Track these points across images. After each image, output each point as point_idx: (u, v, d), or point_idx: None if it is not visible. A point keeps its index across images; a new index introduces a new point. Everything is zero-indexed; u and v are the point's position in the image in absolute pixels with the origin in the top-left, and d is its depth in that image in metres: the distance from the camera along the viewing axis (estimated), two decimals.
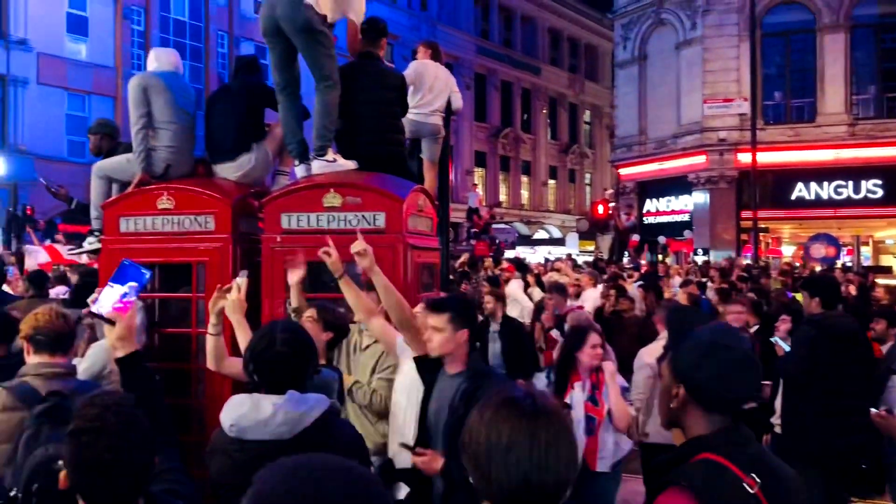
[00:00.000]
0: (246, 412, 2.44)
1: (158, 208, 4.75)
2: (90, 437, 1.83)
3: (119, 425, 1.86)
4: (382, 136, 5.00)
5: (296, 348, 2.57)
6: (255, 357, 2.57)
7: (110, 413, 1.87)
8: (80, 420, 1.87)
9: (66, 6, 26.76)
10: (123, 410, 1.91)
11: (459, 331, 3.33)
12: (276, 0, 4.66)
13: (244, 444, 2.41)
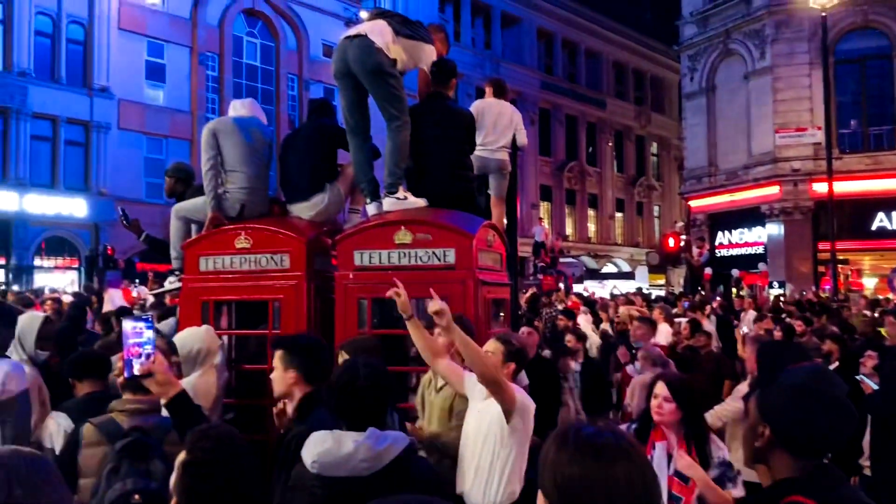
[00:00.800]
0: (328, 448, 2.46)
1: (236, 248, 4.88)
2: (207, 469, 1.89)
3: (233, 457, 1.91)
4: (452, 174, 5.05)
5: (377, 384, 2.59)
6: (338, 391, 2.60)
7: (224, 445, 1.92)
8: (196, 453, 1.93)
9: (145, 55, 28.03)
10: (235, 442, 1.95)
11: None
12: (348, 44, 4.80)
13: (326, 481, 2.43)
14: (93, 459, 2.99)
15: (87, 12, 26.35)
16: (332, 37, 33.00)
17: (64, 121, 25.73)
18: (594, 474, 1.53)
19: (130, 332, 2.57)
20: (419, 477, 2.50)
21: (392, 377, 2.73)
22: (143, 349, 2.59)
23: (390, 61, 4.73)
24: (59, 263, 26.18)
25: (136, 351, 2.57)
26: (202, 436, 2.00)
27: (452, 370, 3.86)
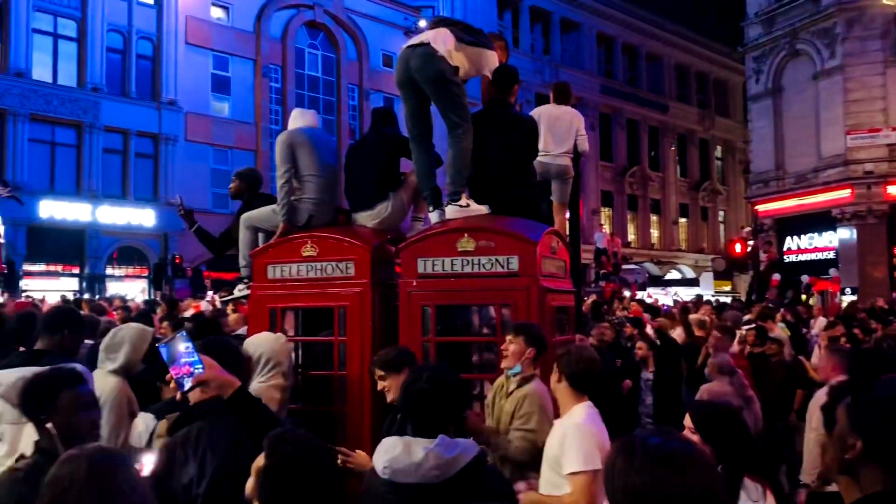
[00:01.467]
0: (398, 455, 2.47)
1: (303, 256, 4.96)
2: (290, 473, 1.90)
3: (314, 459, 1.93)
4: (514, 180, 5.03)
5: (438, 388, 2.60)
6: (406, 396, 2.62)
7: (304, 448, 1.94)
8: (276, 457, 1.94)
9: (210, 68, 28.80)
10: (314, 444, 1.97)
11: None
12: (410, 54, 4.83)
13: (396, 487, 2.44)
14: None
15: (156, 28, 27.24)
16: (391, 47, 33.35)
17: (134, 134, 26.61)
18: (665, 483, 1.50)
19: (183, 352, 2.61)
20: (490, 486, 2.49)
21: (460, 384, 2.72)
22: (193, 368, 2.63)
23: (452, 69, 4.75)
24: (129, 272, 27.05)
25: (186, 370, 2.61)
26: (280, 440, 2.00)
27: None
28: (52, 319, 4.00)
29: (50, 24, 25.26)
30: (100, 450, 1.91)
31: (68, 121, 25.20)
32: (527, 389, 4.07)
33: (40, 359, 3.77)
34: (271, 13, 30.22)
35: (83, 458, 1.83)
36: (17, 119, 23.98)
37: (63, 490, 1.79)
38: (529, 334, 4.06)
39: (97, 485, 1.79)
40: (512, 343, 4.05)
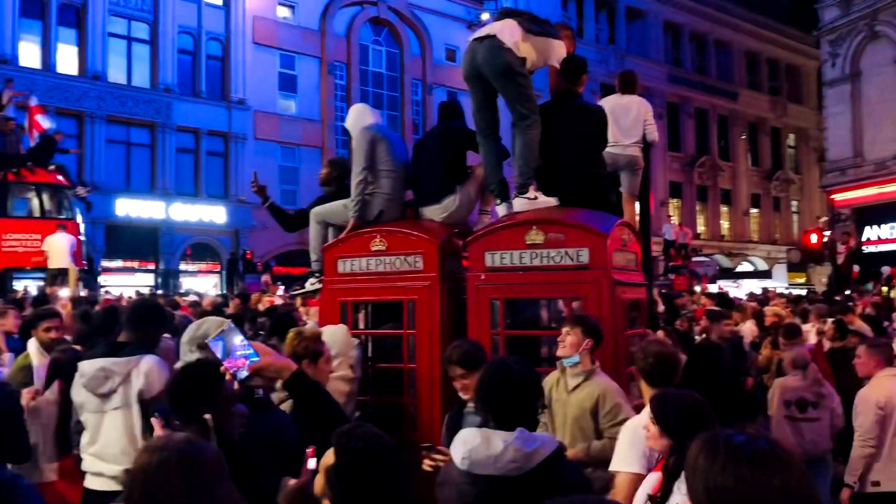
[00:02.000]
0: (477, 446, 2.47)
1: (372, 250, 5.00)
2: (363, 470, 1.91)
3: (385, 455, 1.93)
4: (583, 171, 4.97)
5: (531, 381, 2.59)
6: (491, 388, 2.60)
7: (375, 444, 1.94)
8: (348, 454, 1.94)
9: (277, 67, 29.31)
10: (384, 440, 1.97)
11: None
12: (477, 46, 4.81)
13: (475, 478, 2.44)
14: None
15: (224, 29, 27.86)
16: (454, 40, 33.36)
17: (205, 133, 27.31)
18: (750, 484, 1.46)
19: (238, 345, 2.65)
20: (569, 481, 2.46)
21: (537, 377, 2.72)
22: (249, 359, 2.66)
23: (520, 60, 4.71)
24: (202, 268, 27.79)
25: (242, 362, 2.64)
26: (350, 437, 2.00)
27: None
28: (138, 314, 4.12)
29: (124, 27, 26.10)
30: (187, 440, 1.95)
31: (142, 121, 26.02)
32: (601, 385, 4.04)
33: (119, 350, 3.88)
34: (336, 11, 30.56)
35: (172, 449, 1.88)
36: (95, 120, 24.87)
37: (153, 480, 1.83)
38: (586, 325, 4.04)
39: (186, 475, 1.83)
40: (569, 334, 4.04)
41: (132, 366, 3.80)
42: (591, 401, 4.00)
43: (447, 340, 4.70)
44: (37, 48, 24.19)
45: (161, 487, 1.82)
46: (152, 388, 3.76)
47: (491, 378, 2.61)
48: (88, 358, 3.79)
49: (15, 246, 15.34)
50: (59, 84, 24.04)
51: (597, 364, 4.11)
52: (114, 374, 3.77)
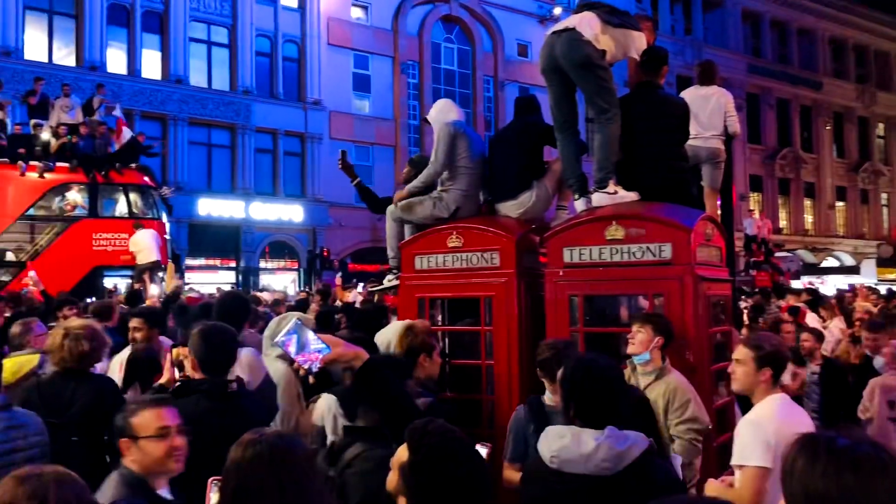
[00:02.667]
0: (567, 444, 2.44)
1: (448, 246, 5.01)
2: (439, 465, 1.89)
3: (460, 450, 1.92)
4: (665, 165, 4.86)
5: (618, 378, 2.57)
6: (577, 385, 2.56)
7: (449, 439, 1.93)
8: (423, 449, 1.92)
9: (351, 67, 29.72)
10: (457, 435, 1.96)
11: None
12: (555, 39, 4.75)
13: (564, 477, 2.41)
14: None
15: (300, 31, 28.40)
16: (526, 36, 33.16)
17: (282, 133, 27.90)
18: (853, 490, 1.39)
19: (311, 340, 2.66)
20: (662, 481, 2.41)
21: (622, 374, 2.67)
22: (321, 354, 2.67)
23: (599, 53, 4.64)
24: (280, 265, 28.42)
25: (315, 357, 2.66)
26: (424, 433, 1.97)
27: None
28: (227, 309, 4.23)
29: (204, 32, 26.88)
30: (279, 435, 1.99)
31: (223, 123, 26.77)
32: (673, 382, 3.99)
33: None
34: (408, 10, 30.78)
35: (265, 443, 1.92)
36: (177, 123, 25.70)
37: (245, 473, 1.88)
38: (657, 323, 4.01)
39: (277, 470, 1.87)
40: (639, 332, 4.01)
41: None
42: (662, 399, 3.95)
43: (525, 337, 4.68)
44: (123, 54, 25.15)
45: (253, 481, 1.85)
46: (254, 380, 3.87)
47: (577, 374, 2.57)
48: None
49: (105, 245, 15.99)
50: (143, 89, 24.95)
51: (667, 362, 4.05)
52: None
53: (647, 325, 4.01)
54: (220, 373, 3.44)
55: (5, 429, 3.41)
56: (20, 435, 3.46)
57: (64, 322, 4.90)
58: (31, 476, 1.64)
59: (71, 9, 24.29)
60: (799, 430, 3.12)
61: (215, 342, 3.45)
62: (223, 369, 3.44)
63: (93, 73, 23.20)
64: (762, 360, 3.39)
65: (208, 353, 3.40)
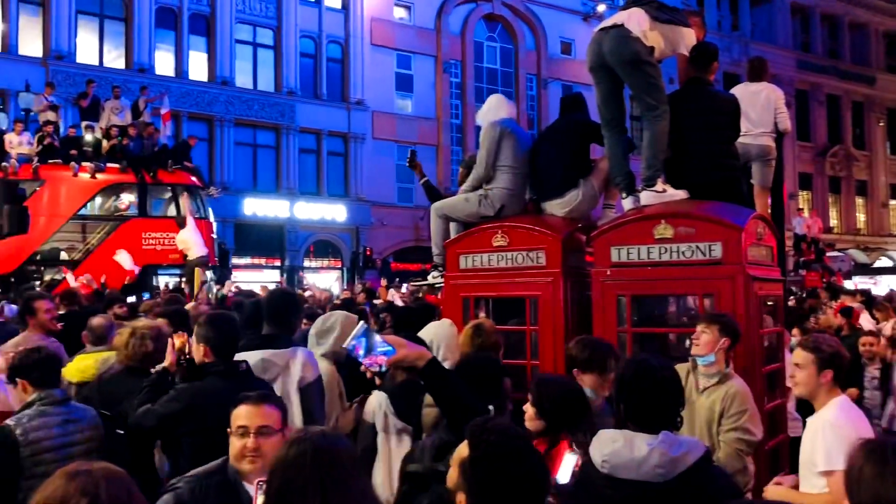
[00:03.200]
0: (619, 449, 2.39)
1: (493, 245, 4.98)
2: (499, 463, 1.89)
3: (520, 447, 1.92)
4: (714, 163, 4.77)
5: (673, 380, 2.51)
6: (631, 387, 2.52)
7: (509, 437, 1.93)
8: (483, 446, 1.92)
9: (394, 67, 29.85)
10: (517, 432, 1.96)
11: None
12: (602, 36, 4.70)
13: (616, 482, 2.37)
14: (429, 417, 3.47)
15: (343, 31, 28.61)
16: (569, 33, 32.93)
17: (326, 134, 28.15)
18: None
19: (378, 342, 2.68)
20: (718, 487, 2.35)
21: (677, 376, 2.60)
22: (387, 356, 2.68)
23: (647, 49, 4.57)
24: (324, 264, 28.68)
25: (382, 359, 2.67)
26: (484, 430, 1.98)
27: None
28: (277, 307, 4.27)
29: (250, 34, 27.24)
30: (323, 434, 2.00)
31: (268, 124, 27.10)
32: (734, 388, 3.87)
33: (273, 342, 4.06)
34: (451, 9, 30.79)
35: (309, 442, 1.92)
36: (224, 124, 26.09)
37: (290, 471, 1.89)
38: (723, 323, 3.87)
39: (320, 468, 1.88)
40: (704, 332, 3.88)
41: (289, 357, 3.98)
42: (720, 404, 3.85)
43: (571, 337, 4.63)
44: (171, 56, 25.62)
45: (296, 479, 1.87)
46: (308, 378, 3.94)
47: (631, 377, 2.52)
48: (245, 349, 3.98)
49: (154, 244, 16.31)
50: (191, 90, 25.39)
51: (731, 366, 3.95)
52: (273, 366, 3.94)
53: (713, 325, 3.88)
54: (230, 356, 3.68)
55: (63, 423, 3.51)
56: (77, 429, 3.57)
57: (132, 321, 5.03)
58: (81, 472, 1.66)
59: (121, 12, 24.83)
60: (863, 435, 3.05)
61: (225, 329, 3.72)
62: (232, 352, 3.71)
63: (141, 76, 23.68)
64: (823, 363, 3.32)
65: (219, 338, 3.67)
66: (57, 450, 3.43)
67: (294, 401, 3.90)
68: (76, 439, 3.55)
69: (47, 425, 3.47)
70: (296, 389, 3.92)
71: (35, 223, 13.31)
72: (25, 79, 19.19)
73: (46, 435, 3.44)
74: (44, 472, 3.32)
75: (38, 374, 3.59)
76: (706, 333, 3.89)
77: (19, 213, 12.03)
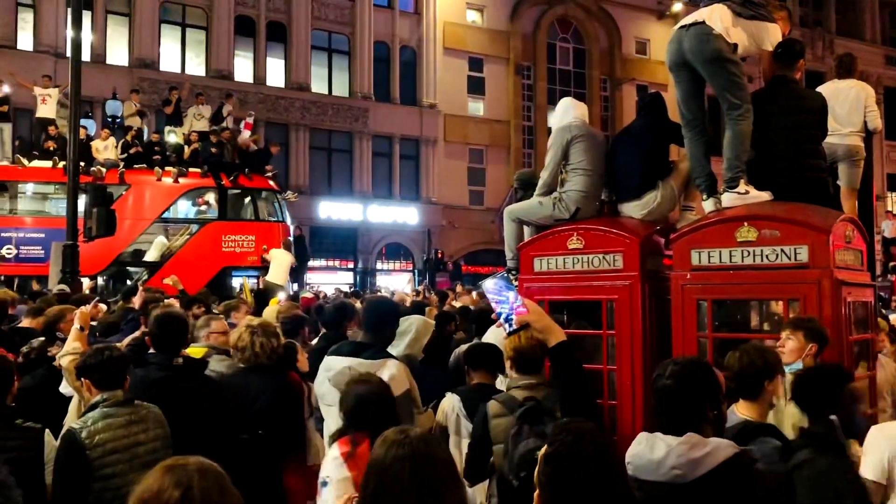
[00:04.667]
0: (640, 451, 2.41)
1: (569, 248, 4.92)
2: (569, 463, 1.93)
3: (595, 452, 1.93)
4: (800, 163, 4.60)
5: (683, 383, 2.47)
6: (652, 387, 2.58)
7: (586, 440, 1.94)
8: (558, 445, 1.97)
9: (466, 70, 29.92)
10: (597, 439, 1.97)
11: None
12: (683, 34, 4.59)
13: (641, 484, 2.37)
14: (499, 428, 3.64)
15: (416, 36, 28.84)
16: (645, 33, 32.41)
17: (398, 137, 28.42)
18: None
19: (513, 297, 2.71)
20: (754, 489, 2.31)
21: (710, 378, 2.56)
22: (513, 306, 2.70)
23: (730, 47, 4.44)
24: (396, 266, 28.96)
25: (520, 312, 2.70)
26: (563, 429, 2.03)
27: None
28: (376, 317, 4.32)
29: (325, 40, 27.75)
30: (423, 439, 2.04)
31: (342, 128, 27.54)
32: None
33: (363, 351, 4.11)
34: (523, 11, 30.69)
35: (408, 447, 1.95)
36: (299, 129, 26.64)
37: (387, 476, 1.92)
38: (810, 329, 3.76)
39: (417, 472, 1.90)
40: (790, 339, 3.78)
41: (377, 368, 3.97)
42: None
43: (649, 342, 4.54)
44: (249, 63, 26.32)
45: (393, 482, 1.89)
46: (396, 390, 3.91)
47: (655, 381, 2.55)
48: (335, 354, 4.03)
49: (233, 246, 16.77)
50: (268, 97, 26.00)
51: None
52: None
53: (798, 331, 3.79)
54: (169, 351, 4.07)
55: (127, 423, 3.55)
56: (141, 429, 3.60)
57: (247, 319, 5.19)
58: (176, 466, 1.73)
59: (202, 21, 25.63)
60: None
61: (170, 328, 4.17)
62: (172, 348, 4.11)
63: (222, 82, 24.39)
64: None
65: (161, 334, 4.14)
66: (122, 451, 3.47)
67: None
68: (140, 439, 3.57)
69: (111, 427, 3.50)
70: None
71: (121, 226, 13.82)
72: (113, 86, 20.01)
73: (111, 437, 3.48)
74: (111, 473, 3.44)
75: (100, 375, 3.63)
76: (791, 340, 3.79)
77: (107, 216, 12.51)
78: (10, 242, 15.82)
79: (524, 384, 3.78)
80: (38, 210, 17.01)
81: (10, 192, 16.61)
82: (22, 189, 16.84)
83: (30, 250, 15.73)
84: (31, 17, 23.23)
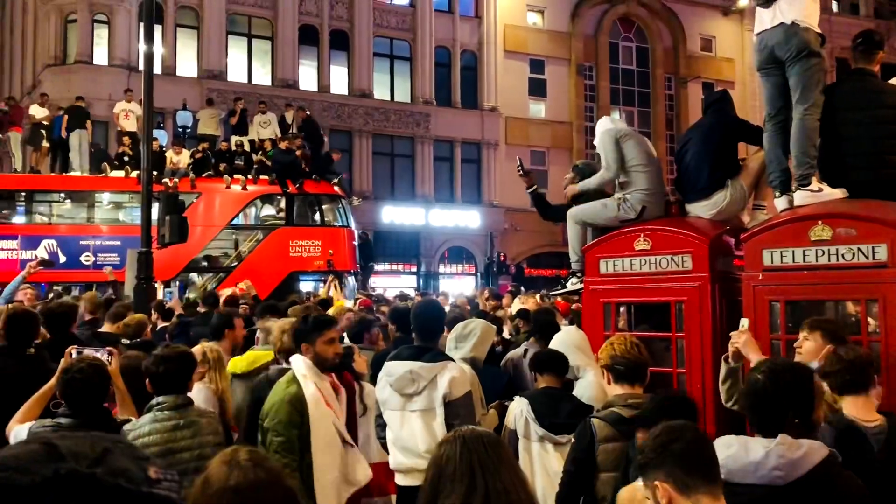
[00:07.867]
0: (734, 453, 2.35)
1: (636, 249, 4.86)
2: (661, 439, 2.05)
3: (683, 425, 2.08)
4: (878, 159, 4.44)
5: (780, 385, 2.44)
6: (745, 393, 2.54)
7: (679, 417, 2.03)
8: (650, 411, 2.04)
9: (527, 72, 29.82)
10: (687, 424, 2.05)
11: None
12: (770, 32, 4.50)
13: (733, 487, 2.30)
14: (611, 454, 3.36)
15: (477, 40, 28.89)
16: (709, 30, 31.80)
17: (460, 141, 28.50)
18: None
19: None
20: (845, 491, 2.26)
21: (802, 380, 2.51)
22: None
23: (818, 37, 4.34)
24: (458, 270, 29.03)
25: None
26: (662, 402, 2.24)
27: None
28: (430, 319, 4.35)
29: (386, 47, 28.04)
30: (472, 429, 2.08)
31: (404, 134, 27.78)
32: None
33: (423, 354, 4.11)
34: (585, 11, 30.44)
35: (458, 440, 1.98)
36: (362, 135, 26.98)
37: (441, 461, 1.95)
38: (827, 330, 3.60)
39: (470, 451, 1.93)
40: (807, 339, 3.64)
41: (437, 371, 3.98)
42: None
43: (720, 344, 4.45)
44: (313, 71, 26.77)
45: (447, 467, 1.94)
46: (455, 393, 3.94)
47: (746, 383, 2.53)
48: (396, 359, 4.07)
49: (300, 251, 17.07)
50: (332, 104, 26.42)
51: None
52: (420, 378, 3.97)
53: (815, 332, 3.65)
54: (19, 341, 4.46)
55: (172, 428, 3.54)
56: (187, 434, 3.57)
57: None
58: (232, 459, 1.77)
59: (267, 31, 26.20)
60: None
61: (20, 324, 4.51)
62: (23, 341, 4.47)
63: (287, 91, 24.88)
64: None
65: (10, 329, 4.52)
66: (164, 455, 3.43)
67: (438, 413, 3.94)
68: (183, 445, 3.55)
69: (157, 430, 3.52)
70: (440, 403, 3.93)
71: (192, 232, 14.19)
72: (183, 98, 20.62)
73: (154, 441, 3.48)
74: None
75: (159, 379, 3.66)
76: (808, 341, 3.66)
77: (180, 223, 12.86)
78: (87, 250, 16.43)
79: (633, 402, 3.38)
80: (114, 219, 17.64)
81: (88, 202, 17.26)
82: (98, 198, 17.46)
83: (106, 257, 16.31)
84: (106, 33, 24.11)
